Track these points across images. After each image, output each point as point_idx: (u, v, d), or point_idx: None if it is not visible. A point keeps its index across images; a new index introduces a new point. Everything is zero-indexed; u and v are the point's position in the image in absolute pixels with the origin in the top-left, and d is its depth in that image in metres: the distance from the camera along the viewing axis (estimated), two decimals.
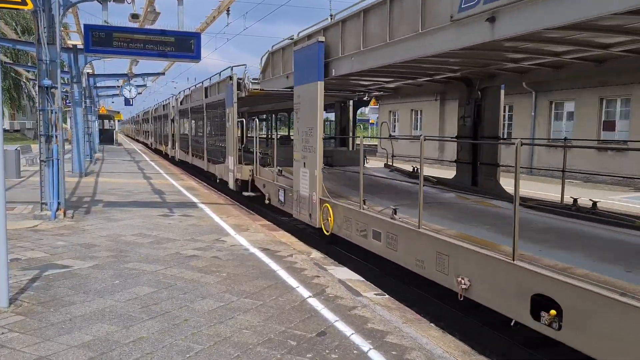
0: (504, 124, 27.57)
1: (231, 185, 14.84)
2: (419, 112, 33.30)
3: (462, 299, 5.46)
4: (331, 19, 9.09)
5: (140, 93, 41.53)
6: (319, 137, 8.83)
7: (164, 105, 34.23)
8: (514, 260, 4.81)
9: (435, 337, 4.98)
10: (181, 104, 25.48)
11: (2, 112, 6.63)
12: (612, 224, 6.80)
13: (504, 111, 27.92)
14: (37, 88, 11.01)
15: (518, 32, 5.02)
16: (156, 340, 4.68)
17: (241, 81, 13.84)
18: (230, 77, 14.47)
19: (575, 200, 7.98)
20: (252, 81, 13.30)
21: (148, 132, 49.26)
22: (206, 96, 18.92)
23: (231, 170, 14.70)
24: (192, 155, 22.75)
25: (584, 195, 9.02)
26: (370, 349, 4.60)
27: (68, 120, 31.23)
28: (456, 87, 10.49)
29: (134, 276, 6.64)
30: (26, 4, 8.83)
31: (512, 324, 4.85)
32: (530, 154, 23.34)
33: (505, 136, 27.18)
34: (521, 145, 4.82)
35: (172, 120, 28.74)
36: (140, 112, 64.77)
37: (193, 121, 22.87)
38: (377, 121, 45.17)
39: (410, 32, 6.57)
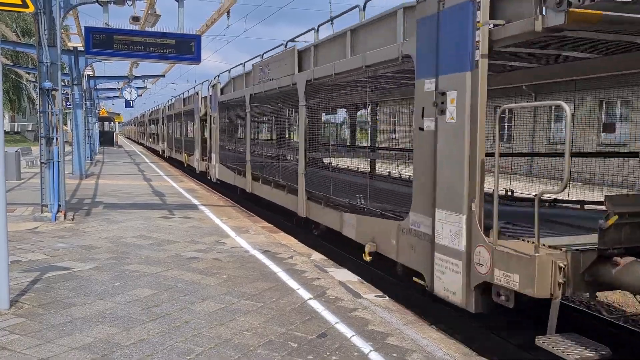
0: (502, 126, 27.44)
1: (463, 301, 5.29)
2: None
3: None
4: None
5: (141, 95, 41.63)
6: None
7: (184, 99, 24.92)
8: None
9: (435, 339, 4.98)
10: (222, 92, 16.74)
11: (2, 114, 6.64)
12: None
13: (504, 113, 27.47)
14: (37, 90, 11.03)
15: None
16: (157, 342, 4.68)
17: None
18: None
19: None
20: None
21: (158, 135, 39.42)
22: (301, 69, 10.10)
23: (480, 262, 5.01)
24: (255, 179, 13.20)
25: None
26: (371, 350, 4.60)
27: (68, 122, 31.27)
28: None
29: (134, 278, 6.64)
30: (27, 7, 8.82)
31: None
32: (530, 158, 23.24)
33: (505, 139, 27.00)
34: None
35: (203, 120, 20.12)
36: (146, 111, 55.08)
37: (266, 117, 13.56)
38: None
39: None
